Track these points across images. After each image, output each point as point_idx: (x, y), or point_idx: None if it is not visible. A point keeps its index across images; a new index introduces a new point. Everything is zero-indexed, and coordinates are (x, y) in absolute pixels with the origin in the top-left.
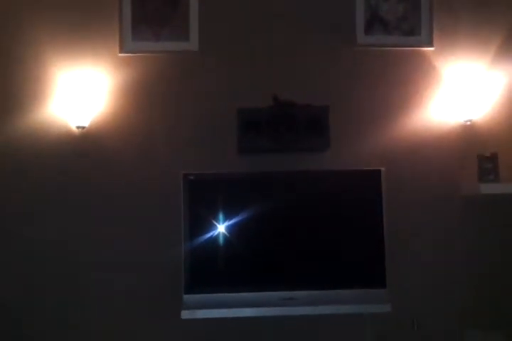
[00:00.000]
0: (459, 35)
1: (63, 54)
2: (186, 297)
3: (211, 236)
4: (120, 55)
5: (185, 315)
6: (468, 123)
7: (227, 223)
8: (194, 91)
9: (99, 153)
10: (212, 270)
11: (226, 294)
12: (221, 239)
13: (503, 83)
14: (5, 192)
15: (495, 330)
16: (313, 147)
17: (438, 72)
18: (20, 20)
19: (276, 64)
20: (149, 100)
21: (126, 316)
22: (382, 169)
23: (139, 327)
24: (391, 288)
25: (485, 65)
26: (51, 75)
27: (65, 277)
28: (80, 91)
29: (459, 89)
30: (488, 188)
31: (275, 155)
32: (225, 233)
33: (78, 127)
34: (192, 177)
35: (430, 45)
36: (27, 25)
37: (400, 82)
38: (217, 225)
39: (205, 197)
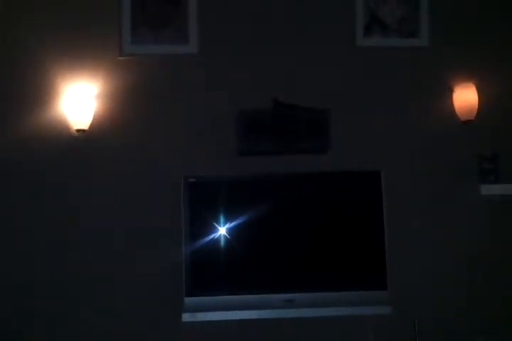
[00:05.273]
0: (458, 37)
1: (63, 58)
2: (187, 299)
3: (212, 239)
4: (120, 58)
5: (186, 317)
6: (469, 123)
7: (227, 225)
8: (194, 94)
9: (100, 157)
10: (213, 272)
11: (227, 296)
12: (222, 242)
13: (502, 83)
14: (6, 194)
15: (496, 333)
16: (313, 149)
17: (437, 73)
18: (19, 24)
19: (276, 66)
20: (149, 103)
21: (126, 318)
22: (383, 170)
23: (140, 329)
24: (392, 290)
25: (484, 65)
26: (51, 79)
27: (65, 279)
28: (80, 95)
29: (458, 90)
30: (488, 189)
31: (276, 157)
32: (226, 235)
33: (78, 130)
34: (193, 180)
35: (429, 46)
36: (26, 29)
37: (400, 84)
38: (218, 227)
39: (205, 199)
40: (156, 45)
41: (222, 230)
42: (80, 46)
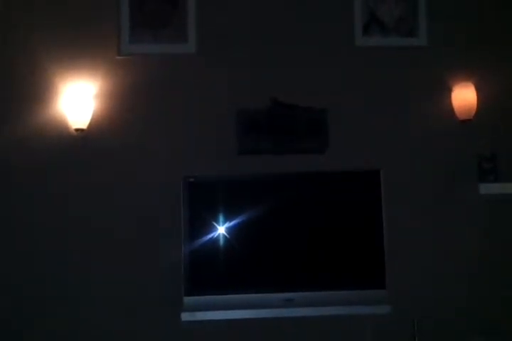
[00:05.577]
0: (457, 36)
1: (62, 57)
2: (186, 299)
3: (211, 238)
4: (118, 57)
5: (185, 316)
6: (467, 123)
7: (226, 225)
8: (193, 94)
9: (98, 156)
10: (212, 272)
11: (226, 296)
12: (221, 241)
13: (501, 83)
14: (6, 194)
15: (496, 333)
16: (312, 148)
17: (436, 72)
18: (19, 24)
19: (275, 65)
20: (148, 102)
21: (126, 318)
22: (382, 170)
23: (139, 329)
24: (391, 289)
25: (483, 65)
26: (50, 78)
27: (65, 279)
28: (79, 94)
29: (457, 89)
30: (487, 188)
31: (275, 157)
32: (225, 235)
33: (77, 130)
34: (192, 180)
35: (428, 46)
36: (26, 29)
37: (398, 83)
38: (217, 227)
39: (205, 199)
40: (154, 45)
41: (221, 230)
42: (78, 46)
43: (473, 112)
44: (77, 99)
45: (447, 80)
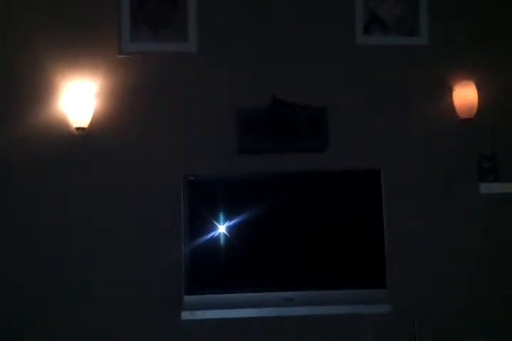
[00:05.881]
0: (458, 35)
1: (62, 56)
2: (186, 298)
3: (211, 237)
4: (119, 56)
5: (186, 315)
6: (468, 122)
7: (227, 224)
8: (193, 93)
9: (99, 155)
10: (213, 271)
11: (226, 295)
12: (221, 240)
13: (502, 82)
14: (6, 194)
15: (496, 333)
16: (312, 147)
17: (437, 71)
18: (19, 24)
19: (275, 65)
20: (149, 101)
21: (126, 317)
22: (382, 169)
23: (139, 327)
24: (391, 289)
25: (484, 64)
26: (50, 77)
27: (65, 278)
28: (79, 93)
29: (458, 88)
30: (487, 188)
31: (275, 156)
32: (225, 234)
33: (78, 129)
34: (192, 178)
35: (429, 45)
36: (24, 29)
37: (399, 82)
38: (218, 226)
39: (205, 197)
40: (155, 43)
41: (221, 228)
42: (79, 45)
43: (475, 111)
44: (78, 98)
45: (448, 79)
